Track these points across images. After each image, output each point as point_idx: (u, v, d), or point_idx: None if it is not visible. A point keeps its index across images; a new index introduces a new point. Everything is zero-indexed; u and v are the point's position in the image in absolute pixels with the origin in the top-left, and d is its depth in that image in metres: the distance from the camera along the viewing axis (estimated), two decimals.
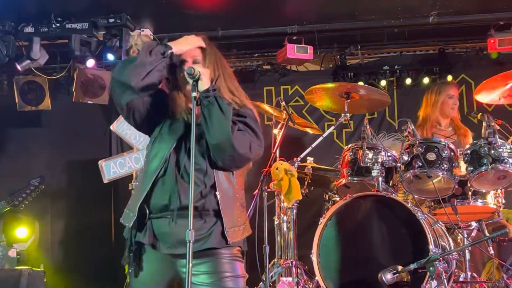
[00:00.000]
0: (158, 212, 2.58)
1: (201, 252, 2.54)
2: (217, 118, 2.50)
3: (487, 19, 6.02)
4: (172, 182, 2.57)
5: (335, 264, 4.12)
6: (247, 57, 6.88)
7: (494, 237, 4.15)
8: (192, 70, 2.54)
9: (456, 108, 5.42)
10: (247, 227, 2.72)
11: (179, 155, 2.61)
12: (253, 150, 2.58)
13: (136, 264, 2.61)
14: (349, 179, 4.53)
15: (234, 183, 2.66)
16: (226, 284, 2.55)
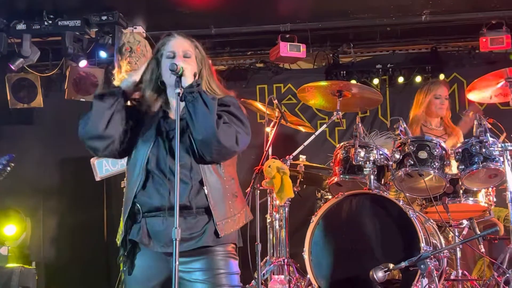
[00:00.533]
0: (150, 211, 2.58)
1: (196, 250, 2.54)
2: (202, 114, 2.49)
3: (479, 18, 6.04)
4: (159, 183, 2.56)
5: (326, 262, 4.13)
6: (240, 55, 6.87)
7: (485, 235, 4.17)
8: (174, 66, 2.52)
9: (444, 107, 5.42)
10: (242, 215, 2.70)
11: (160, 155, 2.60)
12: (240, 142, 2.56)
13: (131, 262, 2.61)
14: (341, 177, 4.54)
15: (223, 174, 2.63)
16: (220, 281, 2.55)
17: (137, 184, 2.59)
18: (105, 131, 2.61)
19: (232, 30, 6.27)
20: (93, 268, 6.34)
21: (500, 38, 5.93)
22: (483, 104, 6.07)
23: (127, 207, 2.62)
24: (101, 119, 2.60)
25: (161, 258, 2.53)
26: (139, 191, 2.59)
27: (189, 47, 2.72)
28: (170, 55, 2.69)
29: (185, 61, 2.65)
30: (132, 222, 2.61)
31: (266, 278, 4.65)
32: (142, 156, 2.62)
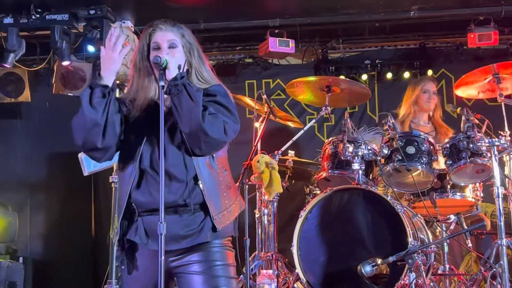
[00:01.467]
0: (146, 210, 2.55)
1: (194, 246, 2.54)
2: (186, 106, 2.45)
3: (467, 14, 6.06)
4: (152, 182, 2.53)
5: (315, 257, 4.14)
6: (229, 50, 6.86)
7: (472, 230, 4.19)
8: (158, 59, 2.48)
9: (432, 102, 5.44)
10: (237, 205, 2.69)
11: (153, 153, 2.56)
12: (228, 132, 2.52)
13: (129, 261, 2.59)
14: (330, 172, 4.55)
15: (216, 167, 2.61)
16: (217, 272, 2.55)
17: (131, 183, 2.55)
18: (102, 143, 2.55)
19: (221, 25, 6.25)
20: (81, 263, 6.32)
21: (488, 34, 5.96)
22: (471, 100, 6.11)
23: (121, 206, 2.59)
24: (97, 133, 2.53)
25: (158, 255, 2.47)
26: (133, 190, 2.55)
27: (174, 37, 2.64)
28: (155, 47, 2.63)
29: (169, 52, 2.60)
30: (129, 221, 2.59)
31: (255, 273, 4.66)
32: (134, 153, 2.57)
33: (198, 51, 2.71)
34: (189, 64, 2.66)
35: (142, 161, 2.56)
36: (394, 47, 6.85)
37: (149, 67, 2.63)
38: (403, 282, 3.88)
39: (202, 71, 2.69)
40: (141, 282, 2.61)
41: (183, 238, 2.53)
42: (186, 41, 2.67)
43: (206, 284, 2.53)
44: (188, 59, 2.66)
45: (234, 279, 2.64)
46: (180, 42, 2.65)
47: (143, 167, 2.56)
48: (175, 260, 2.56)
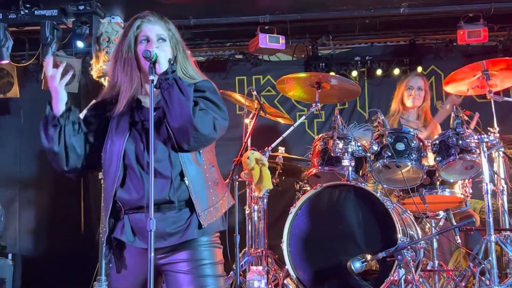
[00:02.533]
0: (132, 208, 2.53)
1: (181, 244, 2.52)
2: (177, 101, 2.41)
3: (457, 11, 6.08)
4: (137, 179, 2.50)
5: (305, 253, 4.15)
6: (219, 46, 6.84)
7: (461, 226, 4.21)
8: (148, 53, 2.44)
9: (416, 98, 5.45)
10: (225, 201, 2.65)
11: (137, 149, 2.52)
12: (217, 128, 2.50)
13: (117, 260, 2.57)
14: (320, 168, 4.56)
15: (203, 163, 2.57)
16: (204, 271, 2.52)
17: (116, 180, 2.52)
18: (68, 166, 2.60)
19: (211, 21, 6.23)
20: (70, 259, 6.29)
21: (477, 31, 5.98)
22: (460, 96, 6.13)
23: (108, 205, 2.56)
24: (60, 159, 2.58)
25: (146, 254, 2.41)
26: (118, 188, 2.52)
27: (163, 31, 2.60)
28: (143, 39, 2.58)
29: (159, 46, 2.56)
30: (115, 219, 2.56)
31: (245, 269, 4.66)
32: (118, 150, 2.53)
33: (183, 46, 2.67)
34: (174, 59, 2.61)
35: (126, 158, 2.52)
36: (384, 43, 6.86)
37: (133, 59, 2.58)
38: (393, 278, 3.90)
39: (186, 66, 2.65)
40: (129, 280, 2.59)
41: (169, 235, 2.50)
42: (172, 36, 2.64)
43: (193, 284, 2.51)
44: (174, 53, 2.62)
45: (222, 277, 2.61)
46: (167, 36, 2.62)
47: (127, 164, 2.52)
48: (162, 257, 2.53)
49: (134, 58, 2.58)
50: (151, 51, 2.45)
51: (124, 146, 2.53)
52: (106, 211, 2.57)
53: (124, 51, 2.60)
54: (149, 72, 2.46)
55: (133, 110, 2.60)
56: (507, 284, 4.01)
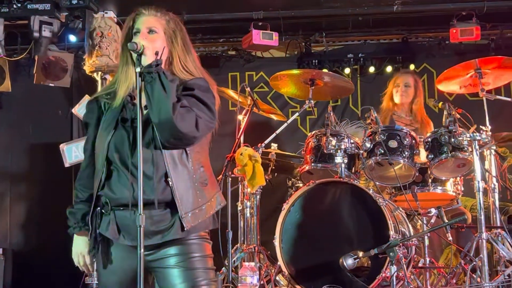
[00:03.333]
0: (118, 205, 2.50)
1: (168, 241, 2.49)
2: (158, 96, 2.36)
3: (450, 9, 6.09)
4: (123, 178, 2.47)
5: (297, 250, 4.15)
6: (212, 42, 6.83)
7: (453, 223, 4.23)
8: (134, 45, 2.40)
9: (403, 96, 5.44)
10: (213, 202, 2.60)
11: (123, 148, 2.49)
12: (200, 127, 2.44)
13: (104, 255, 2.54)
14: (313, 165, 4.57)
15: (190, 163, 2.51)
16: (194, 264, 2.50)
17: (100, 176, 2.50)
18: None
19: (204, 17, 6.21)
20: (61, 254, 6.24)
21: (470, 29, 6.00)
22: (452, 94, 6.16)
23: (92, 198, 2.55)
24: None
25: (133, 251, 2.42)
26: (103, 185, 2.50)
27: (155, 23, 2.56)
28: (135, 32, 2.56)
29: (147, 38, 2.51)
30: (101, 215, 2.54)
31: (237, 266, 4.66)
32: (104, 147, 2.50)
33: (184, 40, 2.62)
34: (170, 53, 2.58)
35: (110, 155, 2.49)
36: (377, 41, 6.87)
37: (128, 54, 2.56)
38: (384, 275, 3.91)
39: (186, 61, 2.60)
40: (117, 275, 2.56)
41: (153, 234, 2.47)
42: (170, 28, 2.59)
43: (184, 277, 2.49)
44: (169, 47, 2.58)
45: (212, 270, 2.59)
46: (162, 28, 2.57)
47: (112, 161, 2.49)
48: (149, 254, 2.49)
49: (129, 52, 2.55)
50: (137, 43, 2.42)
51: (108, 143, 2.50)
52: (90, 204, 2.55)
53: (122, 46, 2.61)
54: (135, 64, 2.44)
55: (124, 106, 2.56)
56: (497, 281, 4.03)
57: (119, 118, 2.54)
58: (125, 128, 2.52)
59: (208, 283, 2.52)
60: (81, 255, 2.63)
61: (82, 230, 2.60)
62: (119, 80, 2.60)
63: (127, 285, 2.54)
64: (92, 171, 2.60)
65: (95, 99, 2.69)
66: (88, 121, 2.68)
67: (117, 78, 2.61)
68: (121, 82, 2.58)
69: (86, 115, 2.70)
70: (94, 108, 2.66)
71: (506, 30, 6.47)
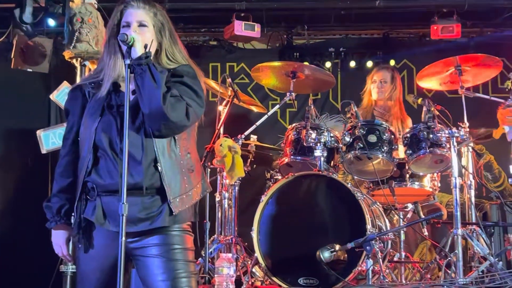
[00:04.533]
0: (105, 191, 2.51)
1: (152, 229, 2.51)
2: (148, 87, 2.41)
3: (431, 6, 6.15)
4: (111, 163, 2.48)
5: (274, 242, 4.16)
6: (194, 32, 6.80)
7: (430, 219, 4.27)
8: (124, 36, 2.43)
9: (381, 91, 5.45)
10: (199, 189, 2.64)
11: (111, 133, 2.51)
12: (190, 115, 2.49)
13: (86, 240, 2.55)
14: (292, 158, 4.57)
15: (177, 150, 2.56)
16: (175, 255, 2.52)
17: (87, 163, 2.51)
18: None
19: (186, 6, 6.18)
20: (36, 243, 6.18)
21: (451, 26, 6.04)
22: (431, 91, 6.20)
23: (78, 186, 2.54)
24: None
25: (117, 237, 2.41)
26: (90, 170, 2.51)
27: (145, 16, 2.59)
28: (124, 25, 2.58)
29: (137, 30, 2.55)
30: (86, 200, 2.54)
31: (213, 256, 4.66)
32: (90, 133, 2.52)
33: (171, 31, 2.66)
34: (159, 45, 2.62)
35: (98, 141, 2.51)
36: (358, 36, 6.90)
37: (116, 45, 2.59)
38: (360, 269, 3.94)
39: (173, 52, 2.64)
40: (98, 261, 2.56)
41: (140, 220, 2.49)
42: (158, 21, 2.62)
43: (164, 268, 2.50)
44: (158, 39, 2.61)
45: (193, 263, 2.61)
46: (151, 21, 2.61)
47: (100, 147, 2.51)
48: (133, 242, 2.51)
49: (117, 43, 2.57)
50: (128, 35, 2.44)
51: (95, 130, 2.51)
52: (76, 191, 2.55)
53: (109, 36, 2.62)
54: (125, 56, 2.46)
55: (109, 93, 2.58)
56: (471, 277, 4.08)
57: (105, 105, 2.55)
58: (112, 114, 2.54)
59: (188, 276, 2.53)
60: (60, 247, 2.67)
61: (58, 224, 2.63)
62: (105, 71, 2.61)
63: (107, 272, 2.54)
64: (73, 158, 2.62)
65: (79, 87, 2.69)
66: (70, 108, 2.68)
67: (103, 69, 2.62)
68: (107, 73, 2.60)
69: (69, 102, 2.70)
70: (77, 95, 2.66)
71: (486, 29, 6.53)
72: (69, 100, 2.71)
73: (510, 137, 4.27)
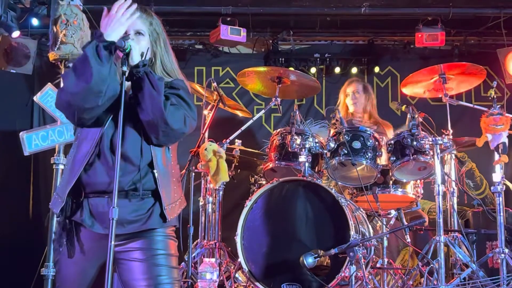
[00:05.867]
0: (94, 192, 2.49)
1: (138, 232, 2.50)
2: (148, 94, 2.42)
3: (416, 14, 6.20)
4: (107, 164, 2.47)
5: (258, 247, 4.15)
6: (180, 35, 6.78)
7: (413, 225, 4.29)
8: (122, 42, 2.42)
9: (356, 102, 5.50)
10: (183, 199, 2.68)
11: (113, 135, 2.50)
12: (187, 124, 2.51)
13: (70, 244, 2.51)
14: (277, 163, 4.58)
15: (170, 159, 2.60)
16: (158, 261, 2.51)
17: (85, 162, 2.48)
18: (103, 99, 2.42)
19: (172, 9, 6.16)
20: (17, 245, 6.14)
21: (435, 34, 6.10)
22: (415, 98, 6.25)
23: (68, 185, 2.50)
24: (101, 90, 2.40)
25: (102, 239, 2.42)
26: (86, 170, 2.49)
27: (142, 25, 2.60)
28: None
29: (134, 39, 2.55)
30: (73, 202, 2.51)
31: (196, 261, 4.64)
32: (95, 134, 2.50)
33: (165, 41, 2.67)
34: (153, 54, 2.62)
35: (101, 142, 2.50)
36: (343, 42, 6.93)
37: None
38: (343, 274, 3.94)
39: (165, 63, 2.65)
40: (81, 265, 2.53)
41: (129, 223, 2.48)
42: (153, 30, 2.64)
43: (147, 273, 2.49)
44: (153, 48, 2.62)
45: (176, 269, 2.60)
46: (147, 30, 2.62)
47: (101, 148, 2.49)
48: (118, 245, 2.48)
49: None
50: (125, 41, 2.44)
51: (103, 132, 2.50)
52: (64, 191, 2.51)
53: None
54: (122, 63, 2.45)
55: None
56: (453, 284, 4.11)
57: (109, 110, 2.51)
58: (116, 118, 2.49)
59: (171, 282, 2.52)
60: None
61: None
62: None
63: (90, 275, 2.53)
64: None
65: None
66: None
67: None
68: None
69: None
70: None
71: (470, 37, 6.60)
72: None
73: (493, 145, 4.30)
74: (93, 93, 2.39)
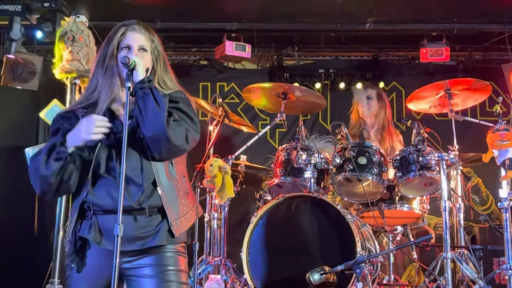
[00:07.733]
0: (102, 210, 2.52)
1: (147, 249, 2.51)
2: (152, 111, 2.44)
3: (421, 29, 6.21)
4: (110, 186, 2.50)
5: (264, 263, 4.13)
6: (185, 51, 6.81)
7: (420, 242, 4.27)
8: (126, 59, 2.46)
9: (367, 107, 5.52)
10: (194, 212, 2.68)
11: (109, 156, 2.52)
12: (189, 140, 2.53)
13: (80, 260, 2.54)
14: (282, 179, 4.56)
15: (175, 173, 2.60)
16: (169, 277, 2.53)
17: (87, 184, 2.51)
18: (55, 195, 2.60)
19: (177, 26, 6.20)
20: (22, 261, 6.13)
21: (440, 50, 6.10)
22: (420, 113, 6.24)
23: (76, 206, 2.55)
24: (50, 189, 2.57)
25: (111, 255, 2.41)
26: (89, 193, 2.52)
27: (145, 42, 2.65)
28: (125, 47, 2.62)
29: (139, 55, 2.59)
30: (82, 219, 2.54)
31: (202, 278, 4.62)
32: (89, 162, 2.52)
33: (164, 59, 2.72)
34: (154, 71, 2.65)
35: (97, 165, 2.52)
36: (348, 57, 6.93)
37: (115, 66, 2.61)
38: None
39: (165, 80, 2.69)
40: (90, 281, 2.56)
41: (137, 239, 2.50)
42: (155, 48, 2.68)
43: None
44: (153, 65, 2.66)
45: (186, 285, 2.62)
46: (149, 47, 2.66)
47: (98, 171, 2.52)
48: (127, 262, 2.52)
49: (116, 64, 2.60)
50: (129, 58, 2.47)
51: (96, 154, 2.51)
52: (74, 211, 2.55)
53: (107, 57, 2.63)
54: (126, 79, 2.48)
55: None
56: None
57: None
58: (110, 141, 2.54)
59: None
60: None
61: None
62: (101, 91, 2.61)
63: None
64: None
65: (72, 111, 2.68)
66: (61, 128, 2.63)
67: (97, 89, 2.62)
68: (104, 93, 2.60)
69: (61, 123, 2.65)
70: (71, 117, 2.64)
71: (475, 52, 6.60)
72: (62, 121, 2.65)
73: (499, 161, 4.28)
74: (45, 183, 2.54)
